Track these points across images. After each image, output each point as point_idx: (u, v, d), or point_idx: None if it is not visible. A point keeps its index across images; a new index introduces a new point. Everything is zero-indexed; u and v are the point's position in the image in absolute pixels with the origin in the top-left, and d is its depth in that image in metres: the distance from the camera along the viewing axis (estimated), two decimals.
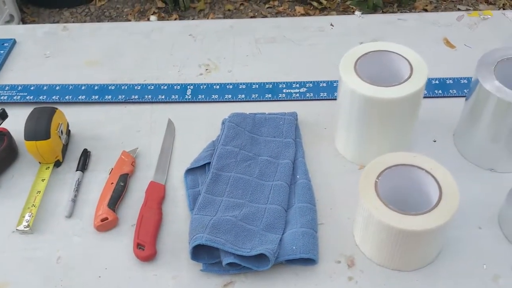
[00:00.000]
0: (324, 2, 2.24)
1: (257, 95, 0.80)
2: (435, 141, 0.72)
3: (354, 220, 0.62)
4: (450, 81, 0.79)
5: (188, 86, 0.82)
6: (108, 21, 2.36)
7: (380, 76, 0.64)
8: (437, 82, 0.79)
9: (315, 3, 2.26)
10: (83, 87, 0.83)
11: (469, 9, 2.20)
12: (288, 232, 0.60)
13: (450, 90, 0.78)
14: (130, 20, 2.34)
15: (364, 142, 0.67)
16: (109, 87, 0.83)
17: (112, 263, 0.61)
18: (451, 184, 0.55)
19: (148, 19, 2.33)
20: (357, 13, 0.92)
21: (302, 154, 0.70)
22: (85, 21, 2.37)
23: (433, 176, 0.56)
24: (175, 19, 2.31)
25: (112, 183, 0.67)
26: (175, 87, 0.82)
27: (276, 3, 2.33)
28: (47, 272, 0.61)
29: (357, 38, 0.88)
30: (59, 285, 0.60)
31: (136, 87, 0.82)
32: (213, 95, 0.80)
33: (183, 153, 0.73)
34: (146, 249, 0.60)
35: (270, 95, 0.80)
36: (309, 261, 0.58)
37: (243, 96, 0.80)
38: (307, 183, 0.65)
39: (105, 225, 0.64)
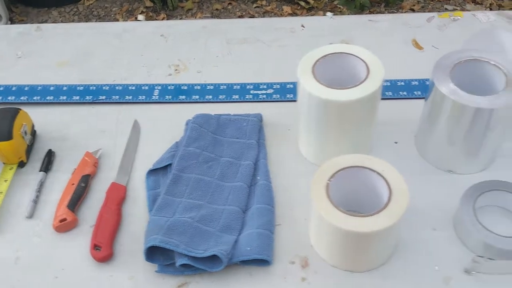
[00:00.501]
0: (312, 2, 2.24)
1: (224, 96, 0.80)
2: (396, 143, 0.72)
3: (309, 221, 0.62)
4: (415, 82, 0.79)
5: (156, 87, 0.82)
6: (96, 21, 2.36)
7: (338, 78, 0.64)
8: (402, 83, 0.79)
9: (302, 3, 2.26)
10: (51, 88, 0.83)
11: (456, 9, 2.20)
12: (244, 233, 0.61)
13: (415, 92, 0.78)
14: (118, 20, 2.34)
15: (324, 143, 0.67)
16: (78, 87, 0.83)
17: (69, 263, 0.62)
18: (402, 186, 0.55)
19: (136, 19, 2.33)
20: (329, 14, 0.92)
21: (264, 156, 0.70)
22: (73, 21, 2.37)
23: (384, 178, 0.56)
24: (163, 19, 2.32)
25: (73, 184, 0.68)
26: (143, 87, 0.82)
27: (264, 2, 2.33)
28: (4, 273, 0.61)
29: (327, 39, 0.88)
30: (16, 285, 0.60)
31: (104, 87, 0.83)
32: (180, 96, 0.81)
33: (148, 154, 0.73)
34: (103, 250, 0.61)
35: (237, 96, 0.80)
36: (263, 262, 0.59)
37: (210, 97, 0.80)
38: (267, 185, 0.66)
39: (64, 225, 0.64)
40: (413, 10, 2.22)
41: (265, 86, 0.81)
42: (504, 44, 0.66)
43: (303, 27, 0.93)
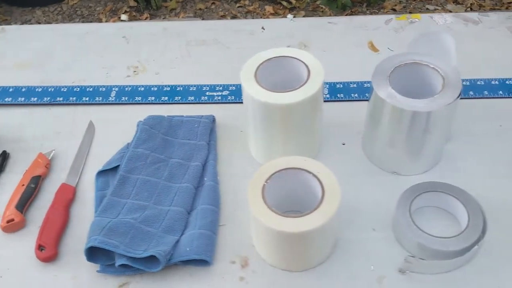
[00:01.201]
0: (294, 2, 2.25)
1: (180, 97, 0.81)
2: (344, 144, 0.73)
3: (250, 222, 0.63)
4: (367, 84, 0.80)
5: (113, 88, 0.83)
6: (79, 20, 2.37)
7: (281, 81, 0.65)
8: (355, 85, 0.80)
9: (284, 3, 2.27)
10: (10, 89, 0.84)
11: (437, 9, 2.21)
12: (186, 234, 0.62)
13: (366, 94, 0.79)
14: (101, 19, 2.35)
15: (271, 145, 0.68)
16: (36, 89, 0.84)
17: (15, 263, 0.63)
18: (335, 188, 0.56)
19: (119, 18, 2.33)
20: (289, 16, 0.94)
21: (214, 157, 0.71)
22: (56, 20, 2.38)
23: (318, 180, 0.57)
24: (146, 18, 2.32)
25: (23, 185, 0.69)
26: (100, 89, 0.83)
27: (247, 2, 2.34)
28: None
29: (285, 42, 0.90)
30: None
31: (62, 89, 0.83)
32: (137, 97, 0.81)
33: (101, 156, 0.73)
34: (47, 250, 0.62)
35: (192, 98, 0.81)
36: (204, 262, 0.60)
37: (166, 98, 0.81)
38: (213, 185, 0.67)
39: (11, 226, 0.65)
40: (394, 10, 2.23)
41: (221, 88, 0.82)
42: (447, 47, 0.67)
43: (263, 29, 0.93)
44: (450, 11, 2.17)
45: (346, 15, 2.20)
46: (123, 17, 2.34)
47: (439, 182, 0.63)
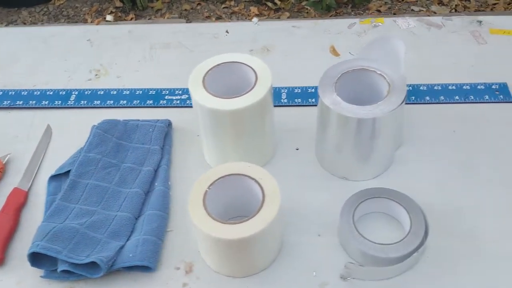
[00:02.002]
0: (279, 3, 2.25)
1: (138, 101, 0.81)
2: (297, 149, 0.73)
3: None
4: None
5: (73, 92, 0.83)
6: (65, 21, 2.37)
7: (229, 87, 0.65)
8: (312, 90, 0.80)
9: (270, 4, 2.27)
10: None
11: (422, 10, 2.21)
12: (131, 240, 0.62)
13: None
14: (87, 20, 2.35)
15: (223, 151, 0.68)
16: None
17: None
18: (275, 194, 0.57)
19: (105, 19, 2.33)
20: (254, 19, 0.93)
21: (166, 162, 0.71)
22: (42, 21, 2.38)
23: (260, 185, 0.57)
24: (131, 19, 2.32)
25: None
26: (60, 92, 0.83)
27: (232, 3, 2.34)
28: None
29: (248, 46, 0.90)
30: None
31: (23, 92, 0.83)
32: (96, 101, 0.81)
33: (57, 160, 0.73)
34: None
35: (151, 102, 0.81)
36: (148, 268, 0.60)
37: (125, 102, 0.81)
38: (163, 190, 0.67)
39: None
40: (379, 12, 2.23)
41: (180, 92, 0.82)
42: (398, 53, 0.67)
43: (227, 32, 0.94)
44: (435, 13, 2.17)
45: (330, 16, 2.20)
46: (109, 17, 2.34)
47: (384, 188, 0.63)
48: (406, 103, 0.76)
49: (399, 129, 0.68)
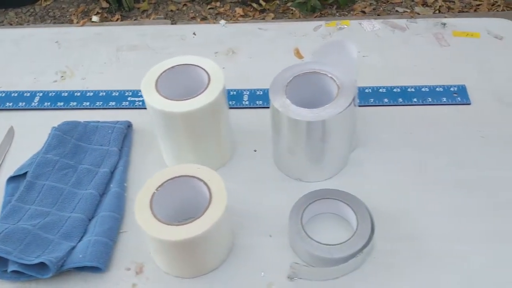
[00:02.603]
0: (264, 4, 2.26)
1: (101, 102, 0.82)
2: (255, 151, 0.74)
3: None
4: None
5: (38, 94, 0.84)
6: (51, 21, 2.37)
7: (182, 90, 0.66)
8: None
9: (255, 5, 2.28)
10: None
11: (407, 11, 2.22)
12: (83, 241, 0.62)
13: None
14: (73, 21, 2.35)
15: (178, 153, 0.69)
16: None
17: None
18: (222, 196, 0.57)
19: (91, 20, 2.34)
20: (222, 22, 0.94)
21: (124, 163, 0.71)
22: (29, 21, 2.38)
23: (208, 187, 0.58)
24: (117, 20, 2.33)
25: None
26: (25, 94, 0.84)
27: (218, 4, 2.34)
28: None
29: (214, 48, 0.91)
30: None
31: None
32: (59, 103, 0.82)
33: (18, 161, 0.74)
34: None
35: (114, 103, 0.82)
36: (98, 268, 0.60)
37: (88, 103, 0.82)
38: (118, 192, 0.67)
39: None
40: (364, 13, 2.24)
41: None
42: (351, 56, 0.67)
43: (195, 34, 0.94)
44: (418, 14, 2.18)
45: (315, 17, 2.21)
46: (94, 18, 2.35)
47: (332, 189, 0.63)
48: (364, 106, 0.78)
49: (352, 131, 0.68)
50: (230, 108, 0.80)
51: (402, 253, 0.61)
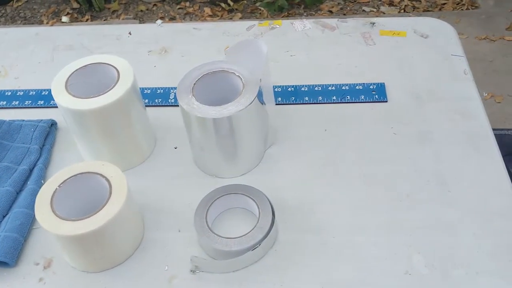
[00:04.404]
0: (232, 4, 2.27)
1: (30, 101, 0.83)
2: (176, 148, 0.75)
3: None
4: None
5: None
6: (21, 22, 2.38)
7: (93, 88, 0.67)
8: None
9: (223, 5, 2.29)
10: None
11: (373, 11, 2.25)
12: None
13: None
14: (43, 21, 2.36)
15: (94, 151, 0.70)
16: None
17: None
18: (122, 191, 0.59)
19: (60, 20, 2.34)
20: (158, 21, 0.95)
21: (43, 161, 0.73)
22: None
23: (110, 184, 0.59)
24: (87, 20, 2.34)
25: None
26: None
27: (187, 4, 2.36)
28: None
29: (148, 47, 0.92)
30: None
31: None
32: None
33: None
34: None
35: (42, 102, 0.83)
36: (6, 263, 0.62)
37: (17, 103, 0.83)
38: (34, 189, 0.69)
39: None
40: (331, 12, 2.26)
41: None
42: (261, 55, 0.69)
43: (130, 34, 0.96)
44: (384, 13, 2.20)
45: (282, 17, 2.23)
46: (64, 19, 2.36)
47: (239, 184, 0.65)
48: (285, 104, 0.79)
49: (264, 128, 0.70)
50: (157, 106, 0.82)
51: (304, 245, 0.62)
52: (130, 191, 0.60)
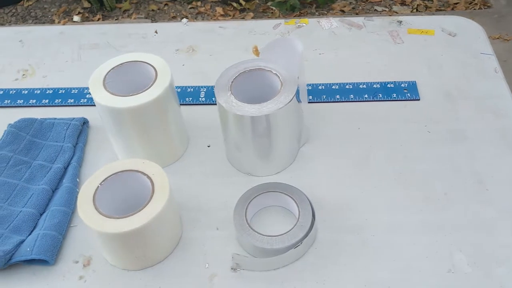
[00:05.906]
0: (244, 3, 2.27)
1: (60, 100, 0.83)
2: (209, 146, 0.75)
3: None
4: None
5: None
6: (32, 22, 2.38)
7: (131, 86, 0.67)
8: None
9: (235, 4, 2.29)
10: None
11: (385, 10, 2.24)
12: (32, 234, 0.63)
13: None
14: (54, 21, 2.36)
15: (129, 148, 0.70)
16: None
17: None
18: (164, 189, 0.59)
19: (72, 20, 2.34)
20: (184, 20, 0.95)
21: (77, 159, 0.73)
22: (10, 22, 2.38)
23: (152, 182, 0.59)
24: (98, 20, 2.34)
25: None
26: None
27: (199, 3, 2.36)
28: None
29: (175, 46, 0.92)
30: None
31: None
32: (19, 100, 0.83)
33: None
34: None
35: (72, 100, 0.83)
36: (46, 261, 0.62)
37: (47, 101, 0.83)
38: (70, 187, 0.69)
39: None
40: (343, 12, 2.26)
41: None
42: (297, 53, 0.69)
43: (156, 33, 0.96)
44: (396, 12, 2.20)
45: (295, 16, 2.23)
46: (76, 18, 2.36)
47: (277, 182, 0.65)
48: (317, 102, 0.79)
49: (299, 126, 0.70)
50: (187, 104, 0.82)
51: (343, 244, 0.62)
52: (171, 189, 0.60)
